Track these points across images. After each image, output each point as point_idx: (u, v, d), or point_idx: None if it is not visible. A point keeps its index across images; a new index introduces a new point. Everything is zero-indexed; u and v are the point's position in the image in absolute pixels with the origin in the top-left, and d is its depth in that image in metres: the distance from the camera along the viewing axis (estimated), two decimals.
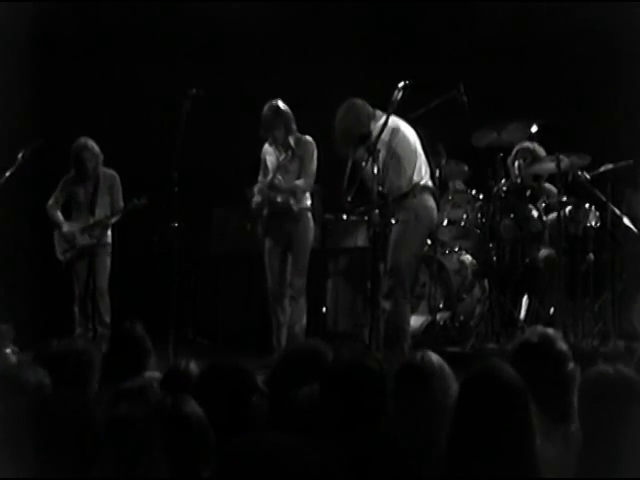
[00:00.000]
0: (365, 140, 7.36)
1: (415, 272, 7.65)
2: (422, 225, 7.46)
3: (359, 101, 7.51)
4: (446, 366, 3.72)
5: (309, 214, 8.20)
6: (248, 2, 9.82)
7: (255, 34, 9.81)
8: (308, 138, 8.17)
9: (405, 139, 7.46)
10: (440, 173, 8.55)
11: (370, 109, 7.47)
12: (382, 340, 7.26)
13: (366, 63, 9.32)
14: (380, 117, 7.41)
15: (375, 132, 7.26)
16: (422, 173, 7.49)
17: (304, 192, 8.16)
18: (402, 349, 7.18)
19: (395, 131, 7.44)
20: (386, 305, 7.37)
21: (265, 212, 8.18)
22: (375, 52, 9.49)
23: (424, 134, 7.64)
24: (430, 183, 7.56)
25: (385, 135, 7.28)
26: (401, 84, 7.48)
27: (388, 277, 7.44)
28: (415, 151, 7.49)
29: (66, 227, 8.85)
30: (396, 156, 7.40)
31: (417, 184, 7.44)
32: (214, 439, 3.23)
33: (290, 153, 8.12)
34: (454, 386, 3.56)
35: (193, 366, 4.40)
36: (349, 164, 7.44)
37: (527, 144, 8.60)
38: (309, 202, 8.22)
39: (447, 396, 3.52)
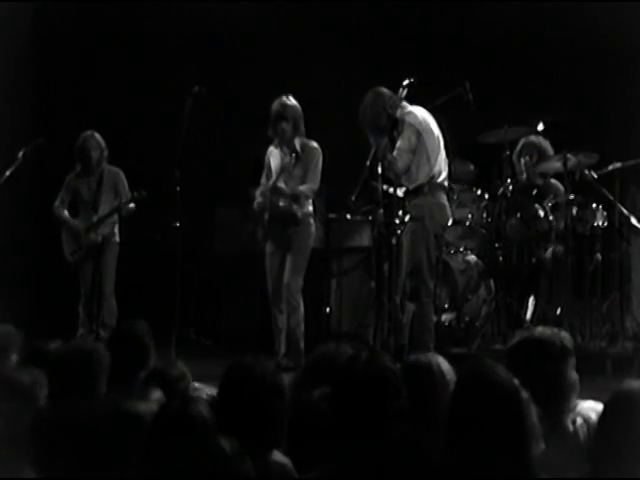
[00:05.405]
0: (389, 129, 7.33)
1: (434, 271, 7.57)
2: (436, 223, 7.42)
3: (385, 89, 7.45)
4: (449, 367, 3.69)
5: (311, 219, 8.02)
6: (252, 2, 9.78)
7: (258, 33, 9.79)
8: (314, 144, 7.95)
9: (431, 131, 7.43)
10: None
11: (395, 98, 7.40)
12: (391, 340, 7.19)
13: (369, 63, 9.27)
14: (405, 107, 7.39)
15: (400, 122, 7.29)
16: (441, 169, 7.46)
17: (307, 198, 7.97)
18: (429, 350, 7.08)
19: (424, 122, 7.41)
20: (411, 307, 7.28)
21: (266, 216, 8.00)
22: (378, 51, 9.44)
23: None
24: (446, 182, 7.53)
25: (412, 125, 7.29)
26: (406, 82, 7.46)
27: (411, 278, 7.35)
28: (439, 145, 7.46)
29: (73, 222, 8.74)
30: (420, 146, 7.37)
31: (433, 179, 7.38)
32: (219, 442, 3.17)
33: (294, 157, 7.93)
34: None
35: (171, 368, 4.33)
36: (371, 153, 7.37)
37: (532, 138, 8.53)
38: (311, 208, 8.03)
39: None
